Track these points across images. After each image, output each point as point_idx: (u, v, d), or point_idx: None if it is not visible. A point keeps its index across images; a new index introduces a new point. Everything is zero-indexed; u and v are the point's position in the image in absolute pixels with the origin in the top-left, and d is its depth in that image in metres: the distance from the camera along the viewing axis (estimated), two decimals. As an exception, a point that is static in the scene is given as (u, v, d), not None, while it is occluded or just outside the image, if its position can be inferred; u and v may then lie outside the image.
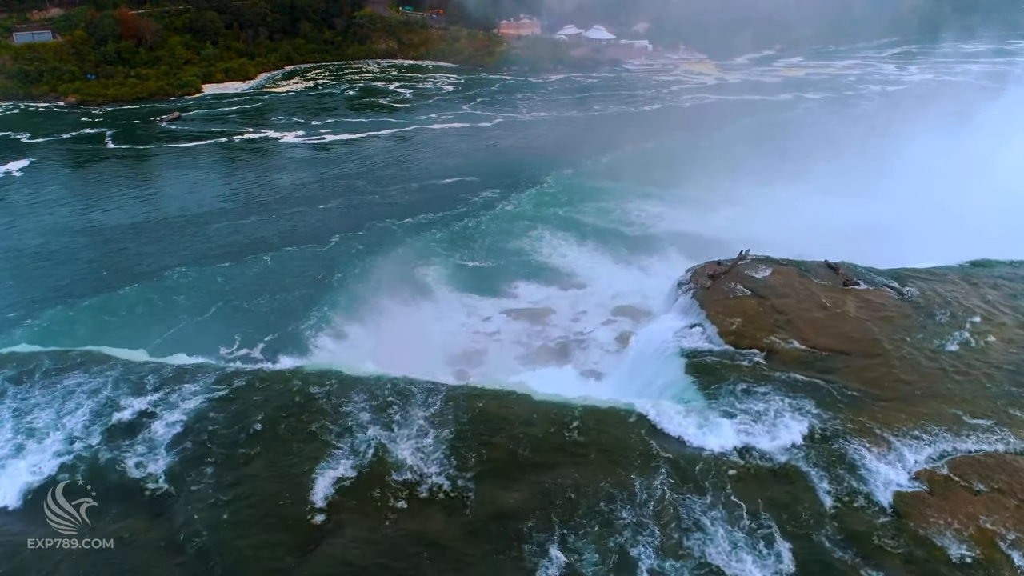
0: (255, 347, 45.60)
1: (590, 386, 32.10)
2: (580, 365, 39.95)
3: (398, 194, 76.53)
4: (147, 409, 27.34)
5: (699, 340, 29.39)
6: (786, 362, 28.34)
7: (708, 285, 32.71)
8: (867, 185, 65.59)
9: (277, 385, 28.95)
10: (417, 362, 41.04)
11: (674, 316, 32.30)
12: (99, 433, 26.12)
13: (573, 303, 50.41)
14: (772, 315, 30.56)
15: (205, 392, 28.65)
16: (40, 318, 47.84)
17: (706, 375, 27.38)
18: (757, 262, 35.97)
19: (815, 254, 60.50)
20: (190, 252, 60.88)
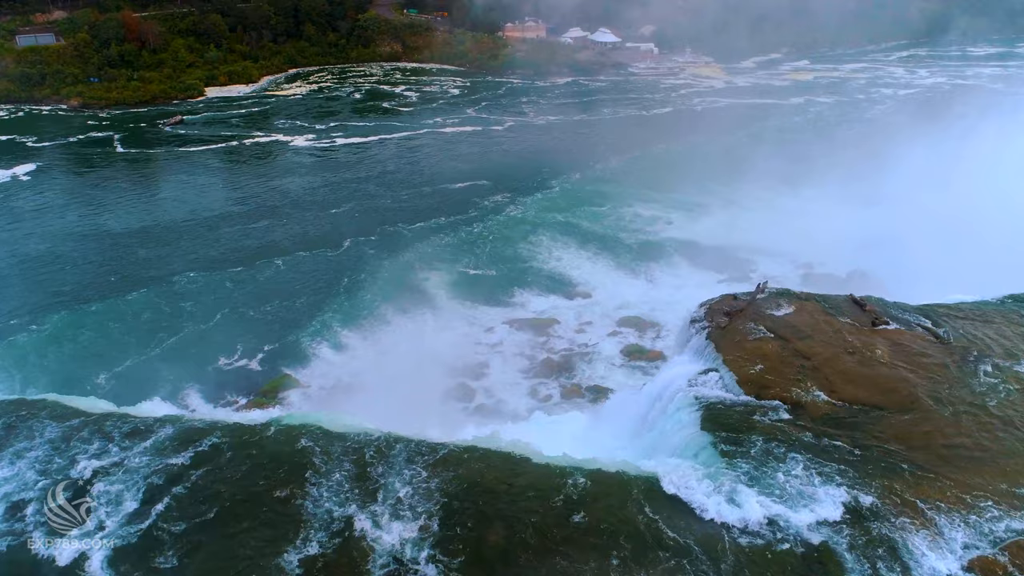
0: (254, 358, 44.50)
1: (598, 438, 28.10)
2: (586, 407, 36.23)
3: (410, 198, 75.40)
4: (95, 478, 23.60)
5: (716, 388, 26.02)
6: (814, 418, 24.79)
7: (724, 324, 29.41)
8: (882, 193, 64.16)
9: (249, 442, 25.98)
10: (417, 376, 40.58)
11: (688, 358, 29.03)
12: (31, 516, 22.03)
13: (578, 313, 48.81)
14: (796, 360, 27.06)
15: (168, 454, 25.36)
16: (45, 323, 46.66)
17: (725, 432, 23.89)
18: (776, 297, 32.41)
19: (827, 264, 60.11)
20: (200, 257, 59.90)
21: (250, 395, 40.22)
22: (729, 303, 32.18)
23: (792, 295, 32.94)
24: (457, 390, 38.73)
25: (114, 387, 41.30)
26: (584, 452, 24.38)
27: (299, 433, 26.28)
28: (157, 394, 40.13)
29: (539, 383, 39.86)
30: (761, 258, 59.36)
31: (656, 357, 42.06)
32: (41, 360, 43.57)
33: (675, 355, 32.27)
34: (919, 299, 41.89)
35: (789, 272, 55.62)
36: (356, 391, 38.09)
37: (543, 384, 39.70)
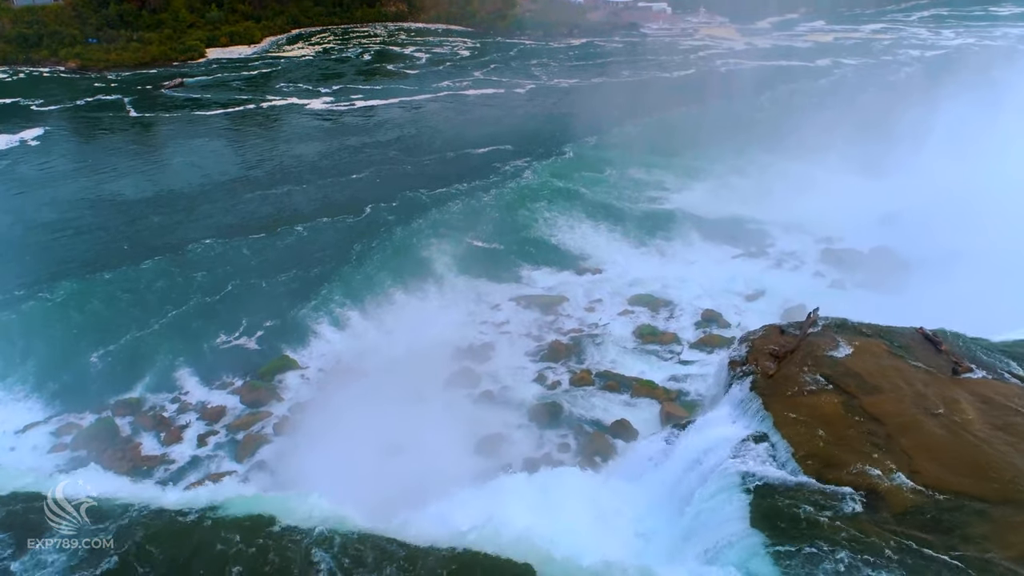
0: (254, 335, 42.87)
1: (618, 512, 22.24)
2: (605, 461, 30.31)
3: (432, 164, 73.35)
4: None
5: (767, 464, 20.01)
6: (896, 513, 18.38)
7: (771, 370, 23.79)
8: (907, 164, 61.41)
9: (171, 541, 19.45)
10: (420, 360, 39.10)
11: (728, 414, 23.43)
12: None
13: (588, 290, 46.77)
14: (864, 424, 21.16)
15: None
16: (56, 292, 45.15)
17: (782, 531, 17.83)
18: (832, 331, 26.39)
19: (847, 239, 57.82)
20: (217, 224, 58.21)
21: (247, 376, 38.84)
22: (776, 339, 26.59)
23: (850, 329, 26.85)
24: (462, 375, 37.18)
25: (107, 366, 40.05)
26: (601, 536, 20.25)
27: (240, 529, 19.32)
28: (148, 374, 39.33)
29: (547, 368, 38.26)
30: (778, 232, 57.26)
31: (670, 340, 40.38)
32: (46, 330, 42.28)
33: (712, 406, 25.68)
34: (951, 283, 40.47)
35: (808, 247, 53.63)
36: (356, 376, 36.63)
37: (551, 369, 38.09)
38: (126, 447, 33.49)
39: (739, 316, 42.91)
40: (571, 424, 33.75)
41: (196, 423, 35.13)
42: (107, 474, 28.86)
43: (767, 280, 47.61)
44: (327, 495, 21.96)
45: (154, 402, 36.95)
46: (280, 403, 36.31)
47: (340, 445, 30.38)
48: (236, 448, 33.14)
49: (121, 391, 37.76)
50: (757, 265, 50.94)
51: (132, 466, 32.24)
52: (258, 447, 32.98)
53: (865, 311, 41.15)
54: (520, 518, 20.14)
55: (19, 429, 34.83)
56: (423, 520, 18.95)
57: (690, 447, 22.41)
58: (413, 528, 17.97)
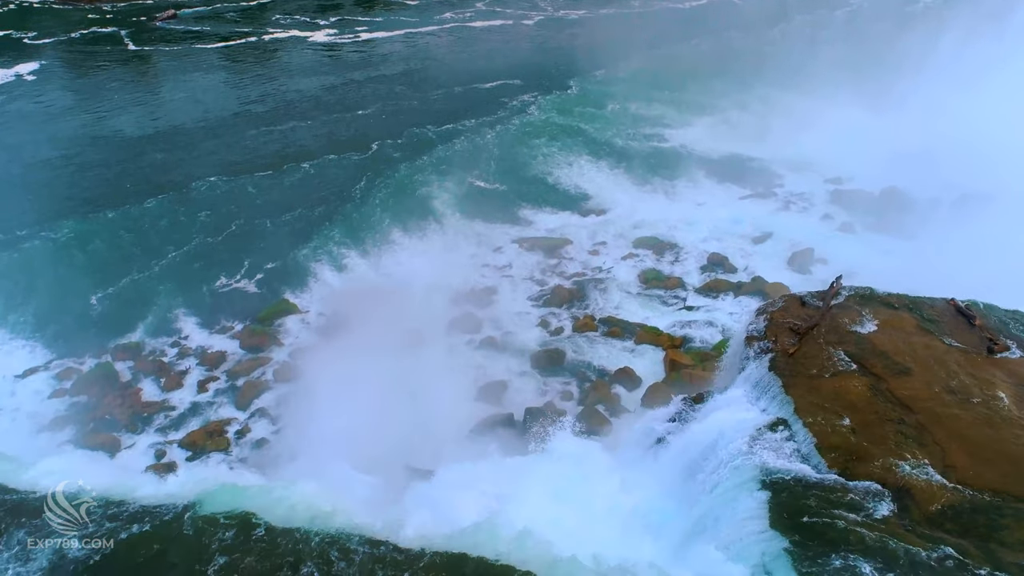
0: (255, 277, 41.73)
1: (625, 491, 20.52)
2: (610, 432, 28.16)
3: (439, 99, 70.36)
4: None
5: (788, 458, 17.83)
6: (927, 514, 16.17)
7: (792, 348, 21.45)
8: (921, 101, 58.67)
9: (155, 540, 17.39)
10: (421, 304, 38.11)
11: (744, 394, 21.07)
12: None
13: (592, 232, 45.48)
14: (893, 411, 18.85)
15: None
16: (59, 231, 44.09)
17: (804, 534, 15.64)
18: (857, 302, 23.72)
19: (857, 179, 55.67)
20: (222, 161, 56.13)
21: (247, 321, 38.09)
22: (796, 312, 23.58)
23: (875, 299, 23.88)
24: (463, 320, 36.28)
25: (107, 309, 39.34)
26: (606, 529, 18.40)
27: (218, 526, 17.49)
28: (148, 317, 38.57)
29: (550, 313, 37.32)
30: (786, 171, 55.50)
31: (675, 285, 39.28)
32: (49, 270, 41.41)
33: (727, 384, 23.14)
34: (963, 227, 38.99)
35: (817, 187, 51.98)
36: (355, 321, 35.75)
37: (554, 315, 37.16)
38: (126, 393, 32.93)
39: (746, 260, 41.72)
40: (574, 371, 33.02)
41: (196, 369, 34.51)
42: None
43: (775, 222, 46.22)
44: (325, 465, 21.11)
45: (154, 347, 36.29)
46: (280, 348, 35.63)
47: (340, 393, 29.67)
48: (236, 395, 32.59)
49: (121, 335, 37.08)
50: (765, 207, 49.43)
51: (132, 412, 31.77)
52: (258, 394, 32.42)
53: (874, 256, 40.39)
54: (523, 510, 18.28)
55: (19, 374, 34.29)
56: (418, 514, 17.22)
57: (703, 431, 20.44)
58: (407, 527, 16.32)
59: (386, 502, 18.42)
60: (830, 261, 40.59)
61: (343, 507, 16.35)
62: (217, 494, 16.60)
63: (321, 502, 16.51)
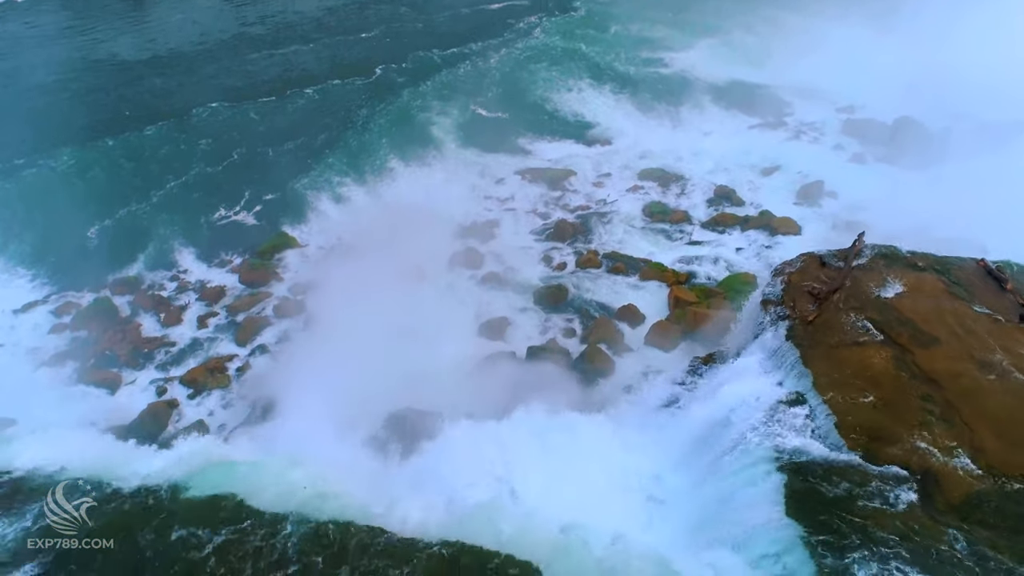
0: (254, 209, 40.77)
1: (630, 467, 18.73)
2: (615, 404, 24.30)
3: (445, 21, 67.25)
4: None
5: (806, 436, 16.33)
6: (954, 501, 14.72)
7: (811, 315, 19.59)
8: (942, 24, 55.64)
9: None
10: (422, 238, 36.73)
11: (758, 363, 19.45)
12: None
13: (596, 163, 43.83)
14: (919, 387, 17.24)
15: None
16: (59, 160, 42.65)
17: (822, 524, 14.17)
18: (880, 261, 21.83)
19: (869, 107, 52.99)
20: (223, 86, 54.08)
21: (246, 254, 37.10)
22: (815, 273, 21.64)
23: (901, 260, 21.90)
24: (465, 255, 35.15)
25: (105, 241, 38.29)
26: (613, 510, 16.68)
27: (208, 507, 15.74)
28: (147, 250, 37.49)
29: (553, 248, 36.12)
30: (796, 99, 53.20)
31: (680, 219, 37.87)
32: (48, 200, 40.22)
33: (740, 347, 21.33)
34: (978, 159, 37.20)
35: (829, 116, 49.85)
36: (356, 255, 34.63)
37: (557, 250, 35.95)
38: (126, 328, 32.20)
39: (753, 192, 40.18)
40: (577, 307, 32.09)
41: (195, 304, 33.66)
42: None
43: (784, 153, 44.39)
44: (324, 422, 20.16)
45: (152, 280, 35.43)
46: (280, 283, 34.70)
47: (341, 330, 28.81)
48: (236, 331, 31.81)
49: (119, 269, 36.21)
50: (774, 136, 47.47)
51: (132, 348, 31.07)
52: (259, 330, 31.63)
53: (885, 189, 38.79)
54: (526, 481, 17.11)
55: (18, 308, 33.56)
56: (414, 497, 15.72)
57: (716, 404, 18.81)
58: (405, 509, 15.08)
59: (385, 477, 17.33)
60: (840, 194, 39.08)
61: (340, 488, 15.24)
62: (207, 473, 15.61)
63: (317, 481, 15.39)
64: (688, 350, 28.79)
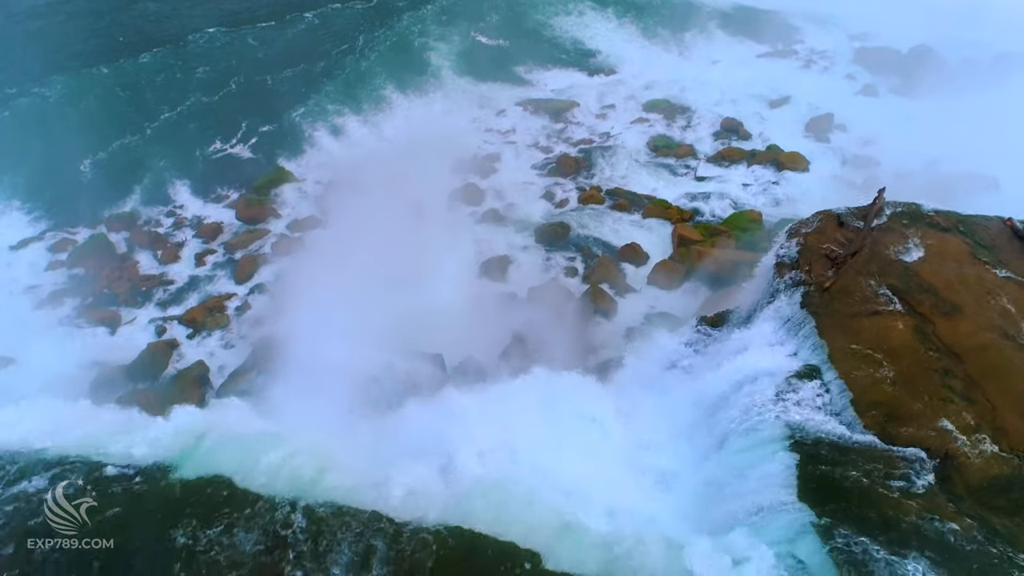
0: (250, 141, 39.60)
1: (632, 437, 17.50)
2: (618, 368, 22.47)
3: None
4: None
5: (820, 413, 15.05)
6: (976, 488, 13.57)
7: (828, 281, 17.96)
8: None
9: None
10: (421, 173, 35.54)
11: (771, 331, 17.99)
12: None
13: (600, 94, 42.34)
14: (940, 360, 15.83)
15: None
16: (52, 88, 40.92)
17: (836, 510, 13.01)
18: (901, 221, 19.89)
19: (883, 35, 50.33)
20: (219, 10, 51.67)
21: (242, 189, 36.07)
22: (832, 234, 19.84)
23: (923, 220, 19.96)
24: (465, 191, 34.11)
25: (100, 175, 37.11)
26: (616, 479, 15.69)
27: (203, 487, 14.52)
28: (142, 184, 36.36)
29: (555, 183, 34.98)
30: (807, 25, 51.05)
31: (686, 153, 36.61)
32: (41, 130, 38.94)
33: (750, 309, 19.80)
34: (996, 90, 35.58)
35: (841, 44, 47.88)
36: (355, 190, 33.47)
37: (559, 185, 34.83)
38: (123, 266, 31.50)
39: (761, 125, 38.80)
40: (579, 246, 31.25)
41: (192, 241, 32.84)
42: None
43: (793, 83, 42.78)
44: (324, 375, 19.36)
45: (148, 216, 34.53)
46: (277, 220, 33.80)
47: (339, 271, 27.91)
48: (235, 269, 31.11)
49: (115, 204, 35.23)
50: (784, 66, 45.68)
51: (131, 286, 30.42)
52: (257, 269, 30.90)
53: (898, 123, 37.31)
54: (528, 453, 15.88)
55: (13, 245, 32.80)
56: (410, 469, 14.63)
57: (723, 372, 17.43)
58: (396, 488, 14.20)
59: (380, 443, 16.61)
60: (850, 127, 37.67)
61: (334, 460, 14.54)
62: (196, 453, 14.85)
63: (311, 453, 14.66)
64: (692, 290, 28.18)
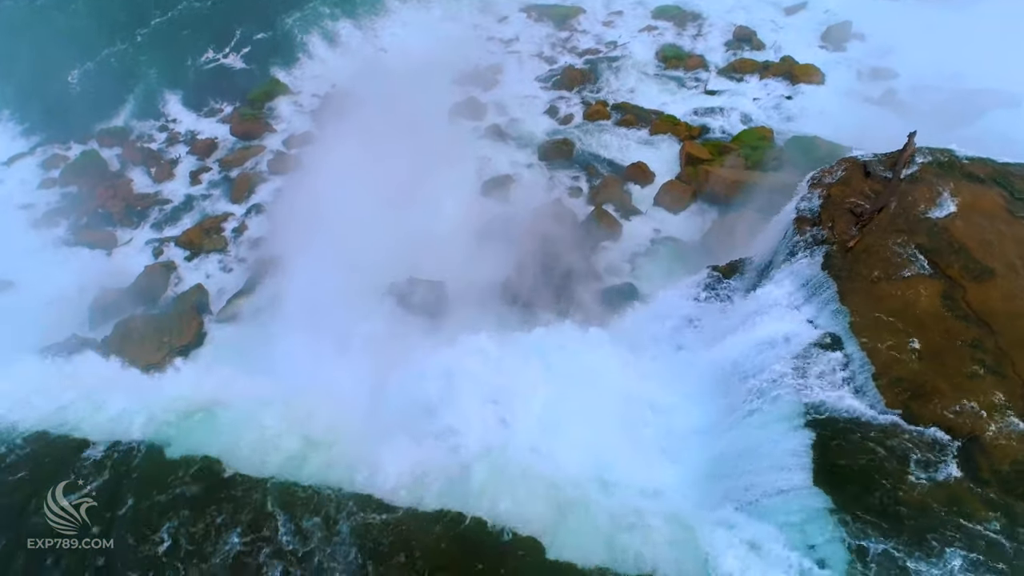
0: (243, 51, 37.64)
1: (640, 396, 16.15)
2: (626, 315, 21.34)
3: None
4: None
5: (840, 389, 13.63)
6: (1002, 473, 12.37)
7: (852, 240, 16.35)
8: None
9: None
10: (420, 84, 33.66)
11: (788, 293, 16.35)
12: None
13: (607, 0, 40.25)
14: (969, 330, 14.46)
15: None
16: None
17: (854, 496, 12.18)
18: (933, 171, 17.93)
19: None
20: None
21: (236, 102, 34.54)
22: (858, 185, 17.83)
23: (956, 169, 17.99)
24: (466, 105, 32.49)
25: (90, 87, 35.35)
26: (623, 448, 14.38)
27: (182, 470, 14.02)
28: (132, 97, 34.65)
29: (559, 97, 33.28)
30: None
31: (696, 65, 34.62)
32: (29, 37, 36.99)
33: (764, 260, 17.98)
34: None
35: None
36: (350, 106, 31.87)
37: (564, 99, 33.13)
38: (117, 184, 30.42)
39: (775, 34, 36.60)
40: (584, 164, 29.99)
41: (187, 158, 31.59)
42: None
43: (811, -14, 39.75)
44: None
45: (140, 131, 33.19)
46: (273, 135, 32.43)
47: (337, 190, 26.73)
48: (230, 187, 30.04)
49: (105, 118, 33.83)
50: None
51: (125, 205, 29.40)
52: (253, 187, 29.80)
53: (919, 32, 34.97)
54: (524, 427, 14.67)
55: (4, 161, 31.61)
56: (404, 444, 13.92)
57: (736, 338, 15.99)
58: (391, 465, 13.25)
59: (375, 411, 15.54)
60: (868, 36, 35.49)
61: (326, 434, 13.62)
62: (185, 429, 13.99)
63: (302, 424, 13.71)
64: (699, 212, 27.17)
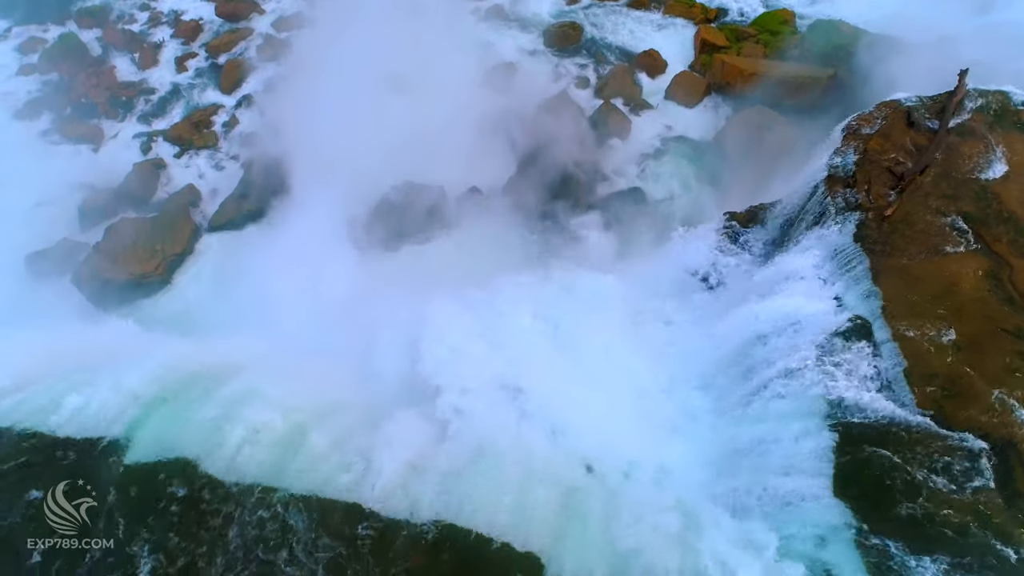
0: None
1: (638, 357, 14.50)
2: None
3: None
4: None
5: (867, 384, 11.70)
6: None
7: (889, 208, 13.78)
8: None
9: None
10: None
11: (814, 264, 14.02)
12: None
13: None
14: (1014, 316, 12.07)
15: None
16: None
17: (877, 512, 10.48)
18: (984, 121, 15.10)
19: None
20: None
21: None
22: (899, 138, 14.97)
23: (1010, 116, 15.16)
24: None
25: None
26: (630, 421, 13.00)
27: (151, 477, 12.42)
28: None
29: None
30: None
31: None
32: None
33: (794, 237, 15.38)
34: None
35: None
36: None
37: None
38: (100, 71, 28.40)
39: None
40: (592, 51, 27.73)
41: (171, 42, 29.31)
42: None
43: None
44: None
45: (121, 11, 30.72)
46: (261, 17, 29.97)
47: (331, 79, 24.79)
48: (219, 75, 28.01)
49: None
50: None
51: (110, 95, 27.55)
52: (243, 76, 27.85)
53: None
54: (535, 398, 13.23)
55: (-20, 45, 29.16)
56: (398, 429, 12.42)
57: (754, 311, 13.81)
58: (386, 460, 12.13)
59: (373, 389, 14.26)
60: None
61: (312, 420, 12.56)
62: (154, 429, 12.91)
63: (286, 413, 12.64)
64: (712, 107, 25.26)
